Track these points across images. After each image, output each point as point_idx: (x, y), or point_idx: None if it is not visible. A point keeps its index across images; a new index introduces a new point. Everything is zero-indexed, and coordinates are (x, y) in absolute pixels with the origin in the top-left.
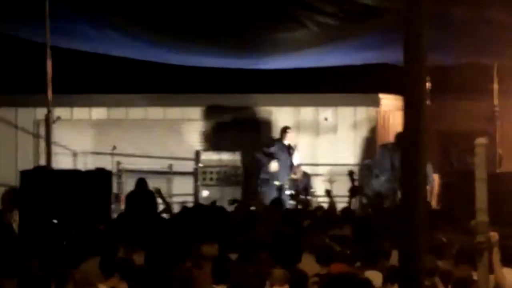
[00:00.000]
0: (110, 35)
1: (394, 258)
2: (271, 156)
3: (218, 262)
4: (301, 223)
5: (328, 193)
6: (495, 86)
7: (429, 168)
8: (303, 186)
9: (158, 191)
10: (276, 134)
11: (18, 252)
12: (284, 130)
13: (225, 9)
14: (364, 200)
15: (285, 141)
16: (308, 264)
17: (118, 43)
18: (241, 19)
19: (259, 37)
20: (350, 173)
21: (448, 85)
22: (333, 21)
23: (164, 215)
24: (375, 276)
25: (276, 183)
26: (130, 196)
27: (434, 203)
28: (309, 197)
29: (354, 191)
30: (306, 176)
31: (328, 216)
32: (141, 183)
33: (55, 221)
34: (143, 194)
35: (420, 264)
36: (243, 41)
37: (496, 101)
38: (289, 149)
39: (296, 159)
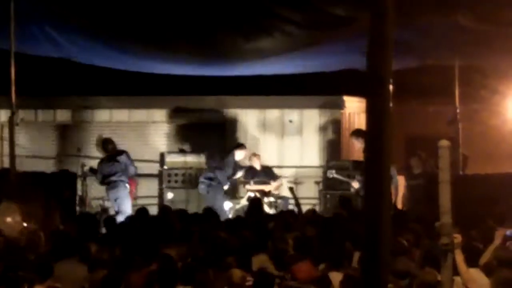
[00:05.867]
0: (79, 42)
1: (356, 259)
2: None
3: (184, 264)
4: (266, 225)
5: (292, 190)
6: (457, 89)
7: (393, 169)
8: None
9: None
10: (241, 136)
11: None
12: (236, 146)
13: (193, 19)
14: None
15: (235, 157)
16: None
17: (87, 50)
18: (208, 28)
19: (226, 45)
20: (291, 188)
21: (411, 90)
22: (298, 30)
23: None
24: (338, 277)
25: (225, 187)
26: None
27: (399, 205)
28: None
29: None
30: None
31: (292, 218)
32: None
33: (25, 224)
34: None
35: (382, 267)
36: (210, 49)
37: (458, 104)
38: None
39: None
